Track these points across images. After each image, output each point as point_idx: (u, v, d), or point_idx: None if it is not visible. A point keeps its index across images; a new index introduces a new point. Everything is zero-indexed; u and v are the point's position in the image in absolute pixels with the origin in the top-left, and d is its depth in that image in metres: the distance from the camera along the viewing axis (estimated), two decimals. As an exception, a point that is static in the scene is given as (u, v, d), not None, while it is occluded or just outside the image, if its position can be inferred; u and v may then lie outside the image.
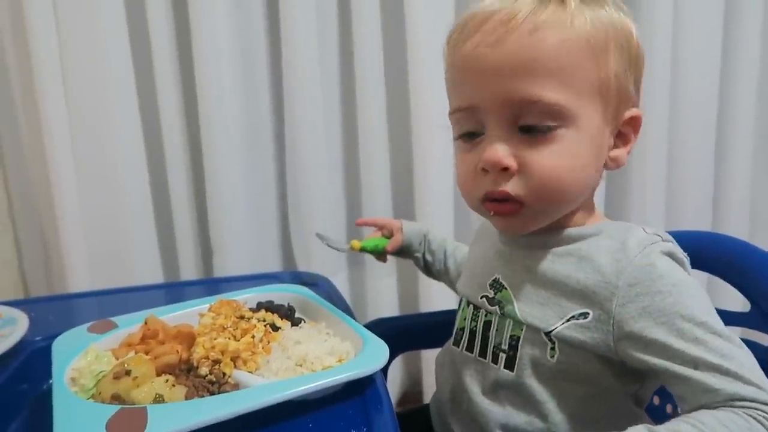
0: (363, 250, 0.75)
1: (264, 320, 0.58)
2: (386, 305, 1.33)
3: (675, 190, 1.37)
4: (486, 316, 0.55)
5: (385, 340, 0.53)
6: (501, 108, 0.47)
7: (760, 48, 1.35)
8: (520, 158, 0.47)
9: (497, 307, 0.53)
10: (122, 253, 1.19)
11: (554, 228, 0.52)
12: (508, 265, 0.54)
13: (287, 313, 0.62)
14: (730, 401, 0.41)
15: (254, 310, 0.61)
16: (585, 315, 0.47)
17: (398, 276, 1.34)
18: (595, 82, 0.47)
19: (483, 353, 0.54)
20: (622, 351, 0.47)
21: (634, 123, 0.50)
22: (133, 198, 1.19)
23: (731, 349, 0.43)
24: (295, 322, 0.61)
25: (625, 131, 0.50)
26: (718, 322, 0.44)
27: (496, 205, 0.49)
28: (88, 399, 0.47)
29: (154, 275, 1.23)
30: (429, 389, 1.30)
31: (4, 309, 0.65)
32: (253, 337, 0.54)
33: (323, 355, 0.52)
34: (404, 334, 0.81)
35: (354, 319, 0.59)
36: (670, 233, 0.76)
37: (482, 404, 0.53)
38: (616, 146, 0.50)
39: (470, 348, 0.56)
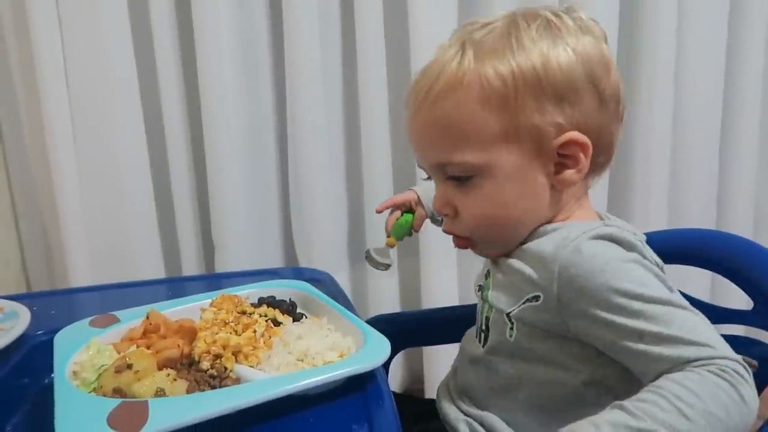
0: (399, 240, 0.76)
1: (265, 315, 0.58)
2: (387, 302, 1.33)
3: (679, 190, 1.37)
4: (479, 300, 0.61)
5: (386, 337, 0.53)
6: (431, 168, 0.57)
7: (764, 48, 1.34)
8: (454, 204, 0.56)
9: (481, 292, 0.60)
10: (124, 252, 1.19)
11: (535, 229, 0.56)
12: (497, 259, 0.59)
13: (289, 309, 0.62)
14: (680, 365, 0.42)
15: (256, 306, 0.62)
16: (537, 297, 0.51)
17: (399, 273, 1.34)
18: (499, 132, 0.51)
19: (476, 332, 0.61)
20: (575, 329, 0.49)
21: (579, 144, 0.51)
22: (136, 196, 1.19)
23: (671, 314, 0.44)
24: (297, 318, 0.61)
25: (570, 153, 0.52)
26: (656, 290, 0.46)
27: (454, 239, 0.59)
28: (90, 393, 0.47)
29: (156, 273, 1.24)
30: (431, 386, 1.30)
31: (6, 303, 0.65)
32: (254, 332, 0.54)
33: (324, 351, 0.52)
34: (405, 330, 0.81)
35: (355, 314, 0.59)
36: (673, 231, 0.77)
37: (465, 372, 0.61)
38: (561, 171, 0.52)
39: (475, 328, 0.62)
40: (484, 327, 0.58)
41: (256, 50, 1.22)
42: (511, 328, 0.54)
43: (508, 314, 0.54)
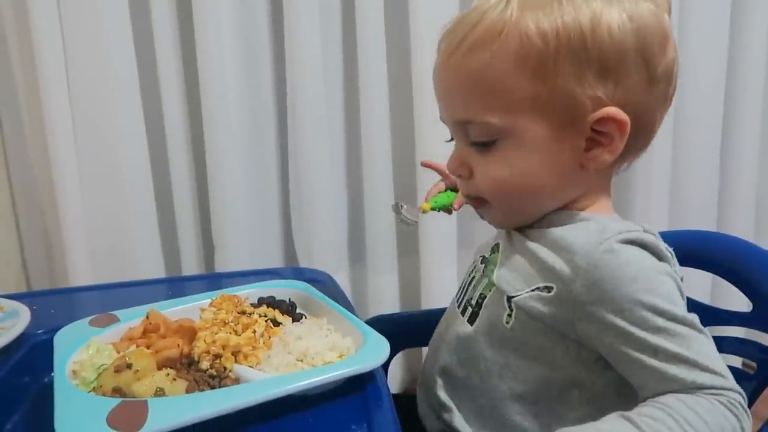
0: (433, 209, 0.71)
1: (265, 315, 0.58)
2: (387, 302, 1.33)
3: (680, 189, 1.37)
4: (474, 271, 0.58)
5: (385, 337, 0.53)
6: (454, 126, 0.53)
7: (766, 44, 1.34)
8: (471, 166, 0.52)
9: (484, 265, 0.56)
10: (125, 251, 1.19)
11: (555, 211, 0.52)
12: (510, 235, 0.55)
13: (288, 309, 0.62)
14: (689, 389, 0.41)
15: (255, 306, 0.62)
16: (549, 289, 0.47)
17: (399, 273, 1.34)
18: (529, 97, 0.47)
19: (460, 304, 0.57)
20: (581, 331, 0.47)
21: (617, 122, 0.46)
22: (136, 195, 1.19)
23: (692, 336, 0.43)
24: (296, 318, 0.61)
25: (605, 130, 0.47)
26: (681, 308, 0.44)
27: (470, 200, 0.56)
28: (90, 392, 0.47)
29: (156, 272, 1.24)
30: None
31: (6, 302, 0.65)
32: (254, 332, 0.54)
33: (324, 351, 0.52)
34: (405, 330, 0.81)
35: (355, 315, 0.59)
36: (674, 232, 0.77)
37: (443, 348, 0.57)
38: (592, 148, 0.48)
39: (459, 298, 0.59)
40: (475, 303, 0.54)
41: (257, 47, 1.22)
42: (509, 315, 0.50)
43: (510, 298, 0.50)
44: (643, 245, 0.46)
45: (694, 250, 0.69)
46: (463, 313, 0.56)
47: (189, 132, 1.23)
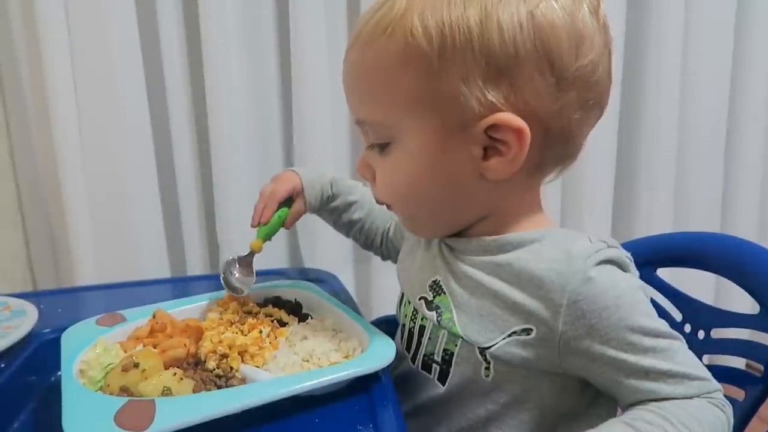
0: (267, 240, 0.68)
1: (271, 316, 0.59)
2: (392, 302, 1.32)
3: (683, 192, 1.37)
4: (422, 320, 0.53)
5: (391, 338, 0.53)
6: (357, 125, 0.50)
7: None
8: (373, 168, 0.50)
9: (434, 313, 0.50)
10: (130, 249, 1.20)
11: (489, 233, 0.49)
12: (449, 267, 0.51)
13: (294, 309, 0.62)
14: (684, 399, 0.43)
15: (261, 306, 0.62)
16: (528, 331, 0.44)
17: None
18: (416, 98, 0.43)
19: (414, 359, 0.53)
20: (567, 365, 0.45)
21: (513, 130, 0.42)
22: (141, 194, 1.19)
23: (673, 347, 0.44)
24: (302, 318, 0.61)
25: (501, 138, 0.43)
26: (659, 322, 0.45)
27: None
28: (97, 391, 0.47)
29: (161, 271, 1.24)
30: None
31: (13, 301, 0.65)
32: (260, 332, 0.54)
33: (330, 351, 0.52)
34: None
35: (361, 315, 0.59)
36: (680, 234, 0.76)
37: (419, 417, 0.52)
38: (490, 156, 0.44)
39: (408, 348, 0.55)
40: (440, 359, 0.49)
41: (263, 47, 1.22)
42: (487, 368, 0.47)
43: (483, 350, 0.46)
44: (614, 262, 0.45)
45: (701, 251, 0.68)
46: (426, 370, 0.52)
47: (194, 131, 1.23)
